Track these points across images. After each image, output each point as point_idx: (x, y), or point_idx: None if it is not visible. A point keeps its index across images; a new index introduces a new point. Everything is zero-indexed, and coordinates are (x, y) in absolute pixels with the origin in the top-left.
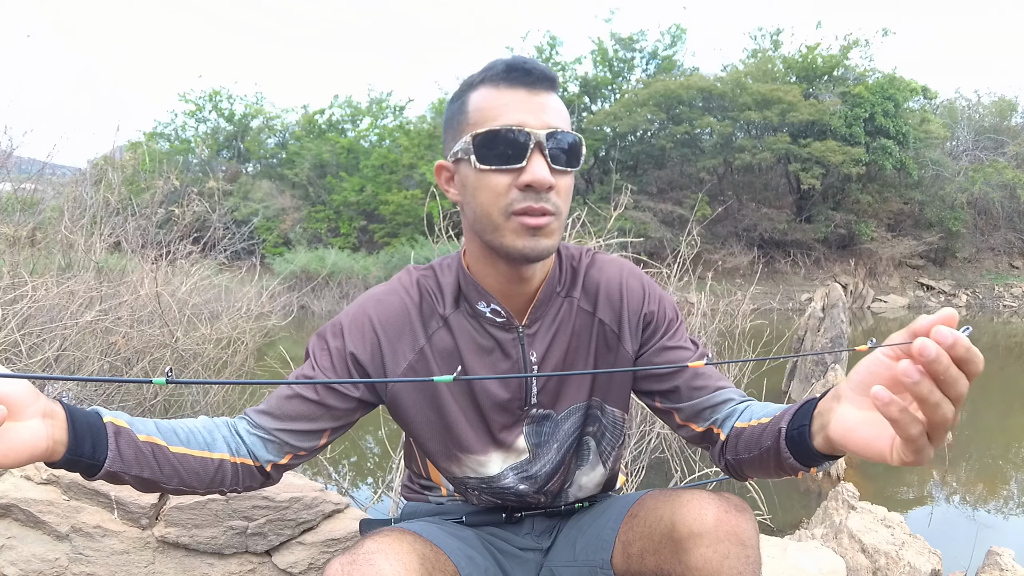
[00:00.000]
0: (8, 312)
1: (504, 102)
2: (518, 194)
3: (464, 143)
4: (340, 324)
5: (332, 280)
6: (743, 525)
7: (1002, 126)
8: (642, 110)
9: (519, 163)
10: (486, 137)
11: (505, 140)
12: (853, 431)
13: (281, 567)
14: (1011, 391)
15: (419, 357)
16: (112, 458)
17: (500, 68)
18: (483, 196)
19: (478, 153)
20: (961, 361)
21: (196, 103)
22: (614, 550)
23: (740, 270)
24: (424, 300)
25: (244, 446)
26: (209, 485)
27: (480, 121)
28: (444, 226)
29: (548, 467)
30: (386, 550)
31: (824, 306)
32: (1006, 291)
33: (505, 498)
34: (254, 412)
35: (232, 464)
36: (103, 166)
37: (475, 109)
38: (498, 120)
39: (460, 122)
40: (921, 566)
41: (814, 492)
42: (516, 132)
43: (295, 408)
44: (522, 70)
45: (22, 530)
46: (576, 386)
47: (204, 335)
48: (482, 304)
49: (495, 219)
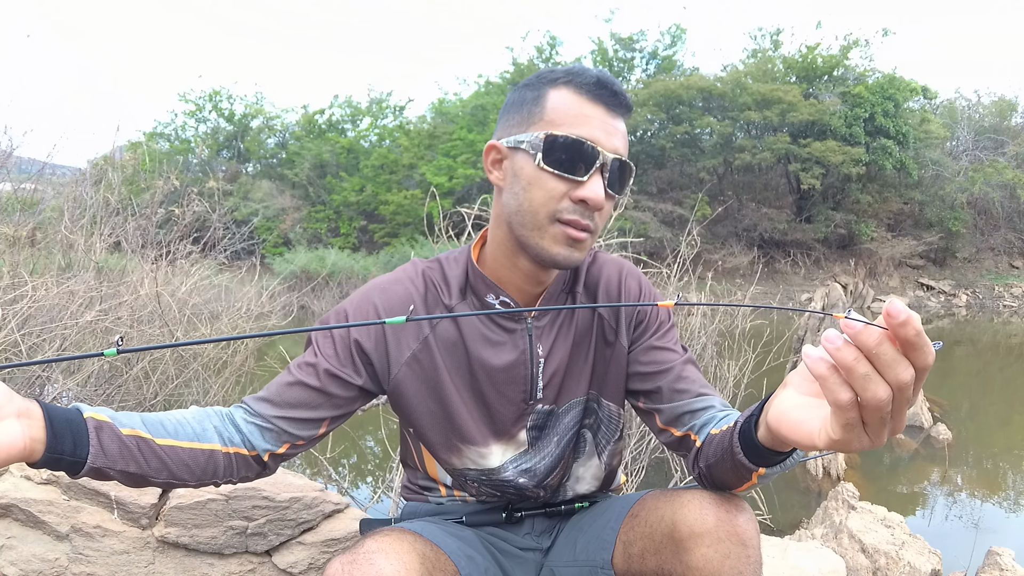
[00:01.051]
0: (8, 312)
1: (586, 113)
2: (569, 204)
3: (534, 137)
4: (344, 311)
5: (332, 280)
6: (744, 525)
7: (1002, 126)
8: (642, 110)
9: (581, 177)
10: (562, 142)
11: (577, 151)
12: (786, 413)
13: (281, 567)
14: (1011, 391)
15: (423, 347)
16: (95, 454)
17: (591, 79)
18: (536, 193)
19: (546, 153)
20: (908, 344)
21: (196, 103)
22: (615, 550)
23: (740, 270)
24: (429, 291)
25: (239, 435)
26: (201, 477)
27: (558, 122)
28: (444, 226)
29: (548, 460)
30: (386, 549)
31: (824, 306)
32: (1006, 291)
33: (505, 491)
34: (252, 400)
35: (224, 454)
36: (103, 166)
37: (554, 108)
38: (576, 129)
39: (533, 113)
40: (921, 566)
41: (814, 492)
42: (591, 147)
43: (296, 395)
44: (610, 90)
45: (22, 530)
46: (576, 380)
47: (204, 335)
48: (491, 296)
49: (540, 219)
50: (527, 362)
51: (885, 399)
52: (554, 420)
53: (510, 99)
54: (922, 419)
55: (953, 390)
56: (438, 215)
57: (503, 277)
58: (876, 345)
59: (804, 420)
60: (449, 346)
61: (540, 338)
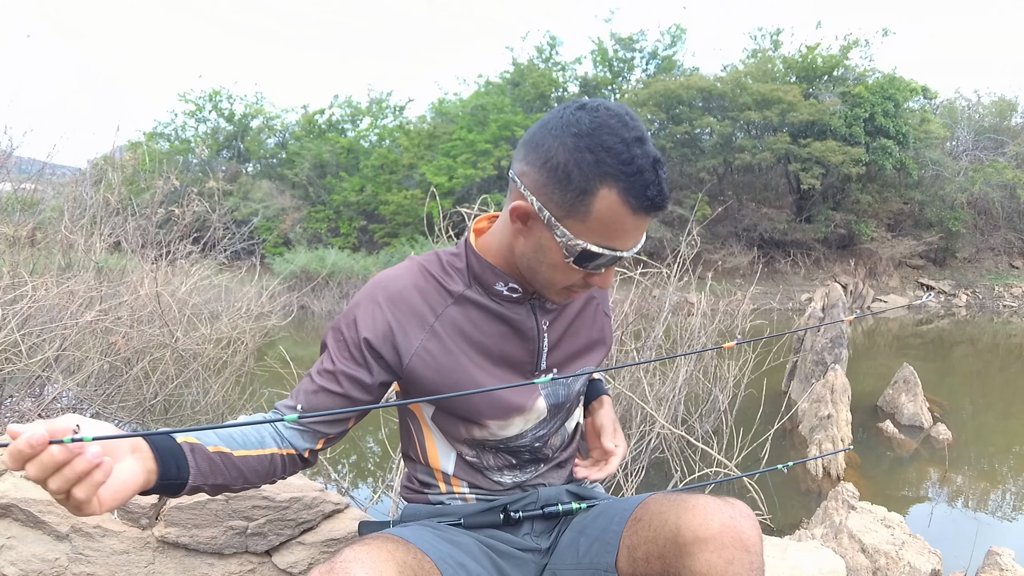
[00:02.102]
0: (8, 312)
1: (626, 228)
2: (580, 281)
3: (571, 241)
4: (352, 314)
5: (332, 280)
6: (748, 531)
7: (1002, 126)
8: (642, 110)
9: (600, 270)
10: (594, 256)
11: (605, 260)
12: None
13: (281, 567)
14: (1011, 391)
15: (431, 335)
16: (194, 474)
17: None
18: (556, 275)
19: (577, 260)
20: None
21: (196, 103)
22: (619, 554)
23: (740, 270)
24: (431, 281)
25: (284, 439)
26: (266, 478)
27: (598, 231)
28: (444, 226)
29: (558, 423)
30: (363, 559)
31: (824, 306)
32: (1006, 291)
33: (520, 456)
34: (285, 408)
35: (280, 456)
36: (103, 166)
37: (599, 218)
38: (613, 242)
39: (576, 209)
40: (921, 566)
41: (814, 492)
42: (620, 255)
43: (322, 402)
44: (659, 206)
45: (22, 530)
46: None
47: (204, 335)
48: (500, 284)
49: (552, 287)
50: (534, 337)
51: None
52: (566, 389)
53: (558, 157)
54: (922, 419)
55: (953, 390)
56: (438, 215)
57: (506, 267)
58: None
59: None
60: (457, 330)
61: (544, 315)
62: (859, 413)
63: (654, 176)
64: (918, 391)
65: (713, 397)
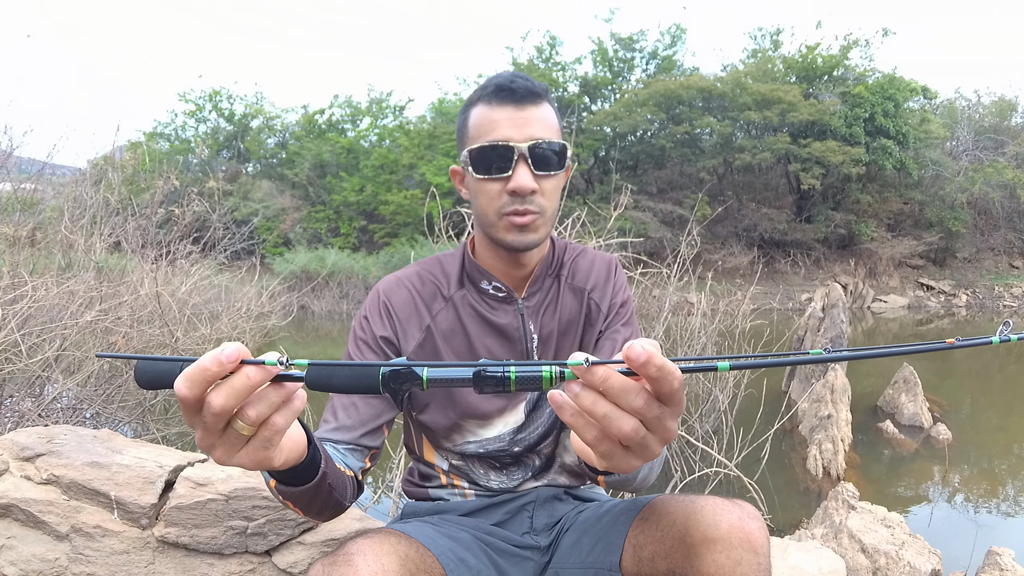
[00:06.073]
0: (8, 312)
1: (493, 119)
2: (507, 199)
3: (464, 156)
4: (365, 318)
5: (332, 280)
6: (756, 533)
7: (1002, 126)
8: (642, 110)
9: (506, 173)
10: (478, 152)
11: (493, 154)
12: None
13: (281, 567)
14: (1011, 391)
15: (426, 335)
16: (326, 460)
17: (491, 88)
18: (481, 200)
19: (474, 165)
20: (652, 380)
21: (196, 103)
22: (623, 553)
23: (740, 270)
24: (427, 285)
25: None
26: (349, 499)
27: (475, 136)
28: (444, 226)
29: (540, 430)
30: (365, 551)
31: (824, 306)
32: (1006, 291)
33: (501, 459)
34: (329, 433)
35: (351, 479)
36: (103, 166)
37: (472, 126)
38: (487, 136)
39: (463, 136)
40: (921, 566)
41: (814, 492)
42: (501, 147)
43: (362, 411)
44: (508, 89)
45: (22, 530)
46: (566, 355)
47: (204, 335)
48: (485, 283)
49: (491, 218)
50: (521, 339)
51: (630, 430)
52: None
53: (456, 127)
54: (922, 419)
55: (953, 390)
56: (438, 215)
57: (492, 265)
58: (602, 383)
59: (584, 448)
60: (449, 331)
61: (531, 317)
62: (859, 413)
63: (505, 75)
64: (918, 391)
65: (713, 397)
